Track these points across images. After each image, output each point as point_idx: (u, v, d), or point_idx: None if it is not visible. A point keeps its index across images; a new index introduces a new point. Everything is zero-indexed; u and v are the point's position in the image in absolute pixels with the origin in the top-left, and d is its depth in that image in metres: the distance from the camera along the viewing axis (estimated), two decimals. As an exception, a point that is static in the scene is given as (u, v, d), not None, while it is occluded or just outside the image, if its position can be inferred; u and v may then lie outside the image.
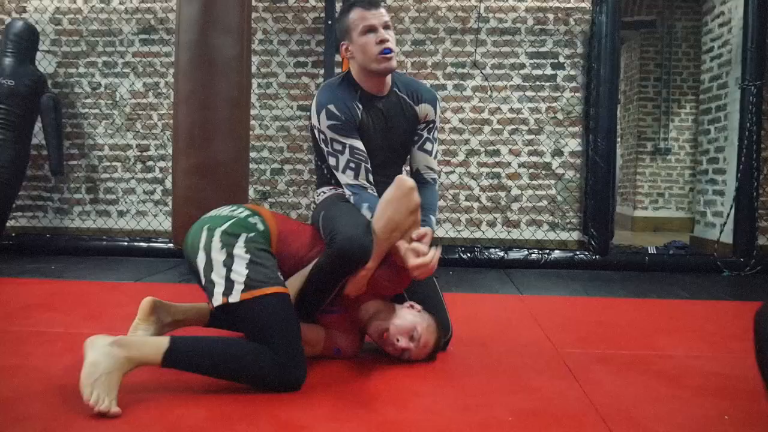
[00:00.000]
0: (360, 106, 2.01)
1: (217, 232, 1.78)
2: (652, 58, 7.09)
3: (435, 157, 2.18)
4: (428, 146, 2.14)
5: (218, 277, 1.72)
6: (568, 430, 1.50)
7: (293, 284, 1.84)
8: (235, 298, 1.69)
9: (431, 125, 2.15)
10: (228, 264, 1.72)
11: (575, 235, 4.52)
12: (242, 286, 1.69)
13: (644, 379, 1.87)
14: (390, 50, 1.90)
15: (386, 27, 1.93)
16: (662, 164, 7.12)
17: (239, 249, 1.75)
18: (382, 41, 1.90)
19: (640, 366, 1.99)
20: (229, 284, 1.70)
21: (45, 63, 4.70)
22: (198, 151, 3.31)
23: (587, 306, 2.98)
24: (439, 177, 4.58)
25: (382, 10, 1.94)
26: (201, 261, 1.77)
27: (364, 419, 1.53)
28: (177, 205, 3.44)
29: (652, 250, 4.30)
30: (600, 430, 1.50)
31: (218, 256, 1.74)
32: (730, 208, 4.13)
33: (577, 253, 4.12)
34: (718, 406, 1.68)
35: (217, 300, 1.71)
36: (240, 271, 1.71)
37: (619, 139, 7.55)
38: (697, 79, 6.92)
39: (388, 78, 2.04)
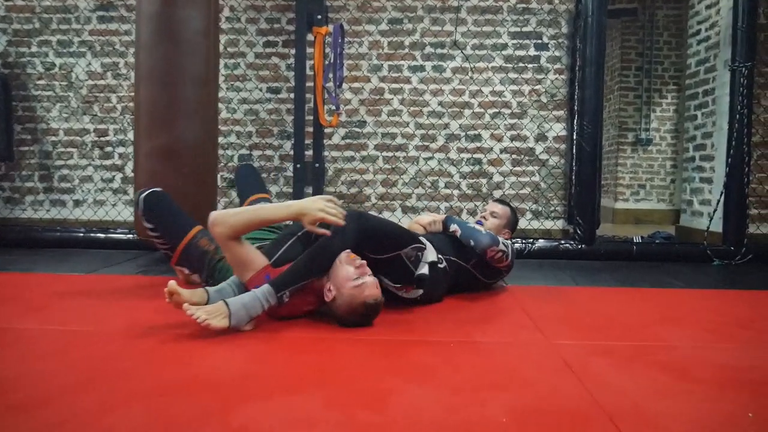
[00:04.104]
0: None
1: None
2: (633, 47, 7.08)
3: None
4: None
5: None
6: (572, 430, 1.28)
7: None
8: None
9: None
10: None
11: (560, 224, 4.50)
12: None
13: (649, 372, 1.69)
14: (480, 222, 2.83)
15: (492, 215, 2.88)
16: (643, 155, 7.12)
17: None
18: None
19: (643, 358, 1.82)
20: None
21: (-6, 41, 4.57)
22: (161, 133, 3.16)
23: (577, 295, 2.82)
24: (417, 163, 4.45)
25: (488, 206, 2.94)
26: None
27: (335, 423, 1.30)
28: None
29: (637, 240, 4.19)
30: (608, 430, 1.28)
31: None
32: (720, 196, 4.00)
33: (562, 242, 3.96)
34: (737, 401, 1.49)
35: None
36: None
37: (600, 130, 7.50)
38: (679, 68, 6.95)
39: None
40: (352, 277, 1.98)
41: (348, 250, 2.06)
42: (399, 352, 1.82)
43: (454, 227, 2.61)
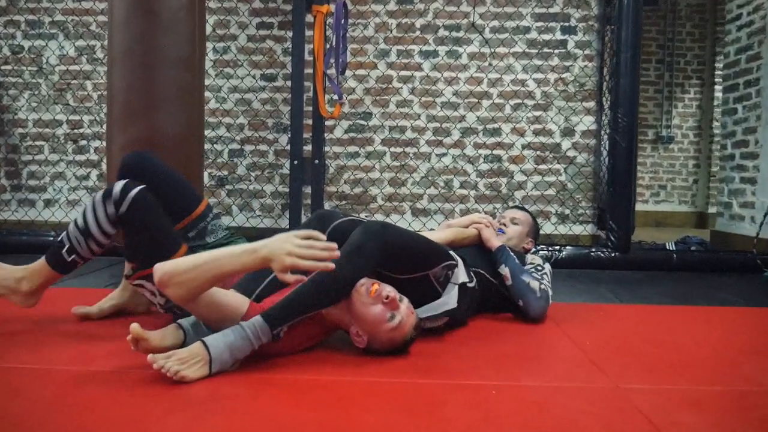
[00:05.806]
0: None
1: None
2: (653, 39, 6.84)
3: None
4: None
5: None
6: None
7: None
8: None
9: None
10: None
11: (589, 229, 4.25)
12: None
13: (762, 434, 1.28)
14: (501, 230, 2.46)
15: (513, 221, 2.49)
16: (664, 154, 6.90)
17: None
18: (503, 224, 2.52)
19: (746, 412, 1.43)
20: None
21: (-46, 21, 4.34)
22: (137, 123, 2.83)
23: (626, 316, 2.43)
24: (430, 160, 4.15)
25: (506, 213, 2.55)
26: None
27: None
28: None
29: (670, 247, 3.91)
30: None
31: None
32: (770, 198, 3.61)
33: (593, 249, 3.66)
34: None
35: None
36: None
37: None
38: (702, 61, 6.74)
39: None
40: (385, 318, 1.65)
41: (369, 284, 1.68)
42: (424, 402, 1.41)
43: (505, 271, 2.19)
